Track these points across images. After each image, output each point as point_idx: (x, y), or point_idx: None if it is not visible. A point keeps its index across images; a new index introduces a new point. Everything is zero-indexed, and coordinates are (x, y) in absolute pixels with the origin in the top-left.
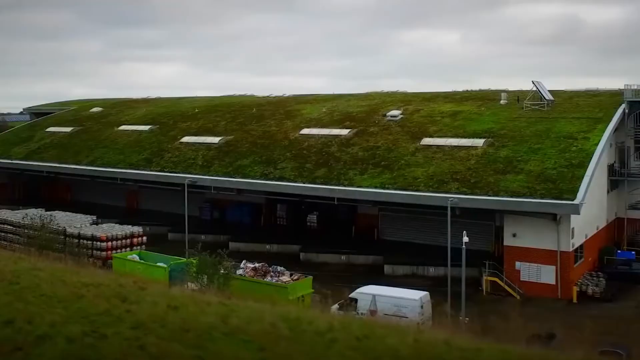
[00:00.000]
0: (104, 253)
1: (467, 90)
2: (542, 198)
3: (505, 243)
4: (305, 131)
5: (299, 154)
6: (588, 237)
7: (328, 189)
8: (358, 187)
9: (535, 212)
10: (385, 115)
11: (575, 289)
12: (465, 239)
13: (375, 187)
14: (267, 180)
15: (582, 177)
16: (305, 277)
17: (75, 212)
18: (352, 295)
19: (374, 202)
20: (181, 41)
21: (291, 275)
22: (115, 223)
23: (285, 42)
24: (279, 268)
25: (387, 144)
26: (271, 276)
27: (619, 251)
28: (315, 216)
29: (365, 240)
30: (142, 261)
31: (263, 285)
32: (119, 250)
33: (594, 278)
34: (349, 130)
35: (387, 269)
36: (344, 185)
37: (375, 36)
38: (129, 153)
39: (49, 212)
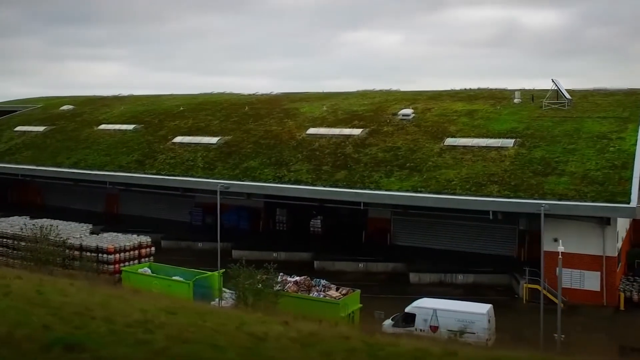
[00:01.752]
0: (112, 266)
1: (465, 89)
2: (593, 201)
3: (544, 248)
4: (312, 131)
5: (312, 155)
6: (623, 241)
7: (353, 193)
8: (387, 190)
9: (587, 216)
10: (395, 114)
11: (622, 295)
12: (561, 247)
13: (407, 191)
14: (279, 183)
15: (631, 179)
16: (353, 291)
17: (50, 218)
18: (409, 310)
19: (404, 206)
20: (124, 40)
21: (337, 289)
22: (114, 232)
23: (229, 42)
24: (322, 281)
25: (408, 145)
26: (317, 291)
27: None
28: (319, 221)
29: (377, 246)
30: (158, 275)
31: (312, 302)
32: (127, 263)
33: (635, 283)
34: (361, 130)
35: (413, 277)
36: (371, 189)
37: (319, 37)
38: (115, 154)
39: (48, 222)
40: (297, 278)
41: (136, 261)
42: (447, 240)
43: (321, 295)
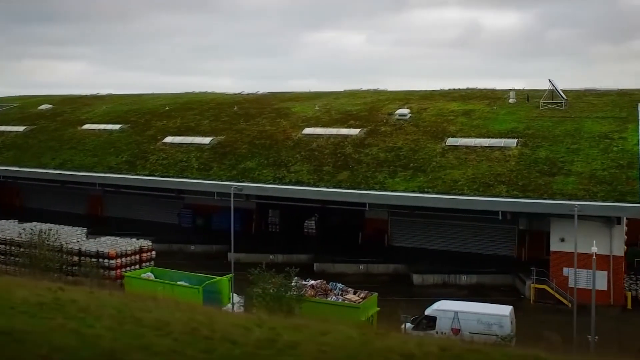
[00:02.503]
0: (113, 272)
1: (454, 89)
2: (603, 201)
3: (552, 248)
4: (308, 131)
5: (311, 156)
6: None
7: (358, 194)
8: (393, 191)
9: (597, 215)
10: (391, 114)
11: (630, 294)
12: (594, 248)
13: (413, 192)
14: (280, 184)
15: (638, 179)
16: (371, 294)
17: (30, 221)
18: (429, 312)
19: (411, 207)
20: (88, 39)
21: (355, 292)
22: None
23: (194, 42)
24: (338, 285)
25: (409, 145)
26: (335, 295)
27: None
28: (313, 222)
29: (375, 247)
30: (164, 281)
31: (332, 306)
32: (128, 268)
33: (639, 282)
34: (359, 130)
35: (417, 278)
36: (376, 190)
37: (284, 37)
38: (103, 155)
39: (46, 226)
40: (313, 282)
41: (137, 266)
42: (446, 240)
43: (340, 299)
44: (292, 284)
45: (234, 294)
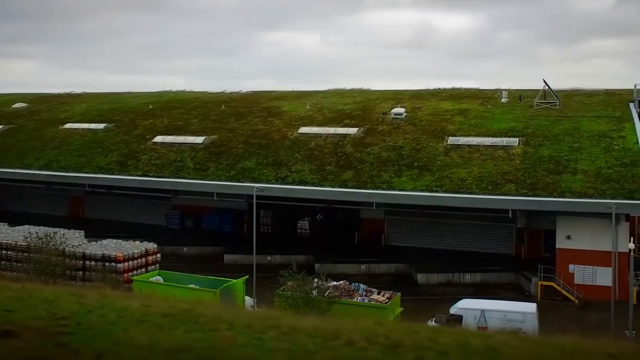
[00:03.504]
0: (121, 276)
1: (439, 88)
2: (612, 198)
3: (558, 246)
4: (304, 130)
5: (311, 155)
6: None
7: (367, 194)
8: (401, 190)
9: (605, 213)
10: (386, 113)
11: (635, 290)
12: (631, 245)
13: (422, 191)
14: (283, 184)
15: None
16: (395, 294)
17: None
18: (455, 311)
19: (419, 206)
20: (38, 37)
21: (379, 292)
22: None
23: (147, 41)
24: (361, 286)
25: (410, 144)
26: (360, 296)
27: None
28: (307, 222)
29: (372, 246)
30: (178, 285)
31: (360, 307)
32: (135, 272)
33: (638, 279)
34: (356, 129)
35: (421, 277)
36: (383, 189)
37: (239, 37)
38: (91, 155)
39: (51, 229)
40: (335, 283)
41: (143, 269)
42: (443, 239)
43: (365, 300)
44: (325, 286)
45: (247, 297)
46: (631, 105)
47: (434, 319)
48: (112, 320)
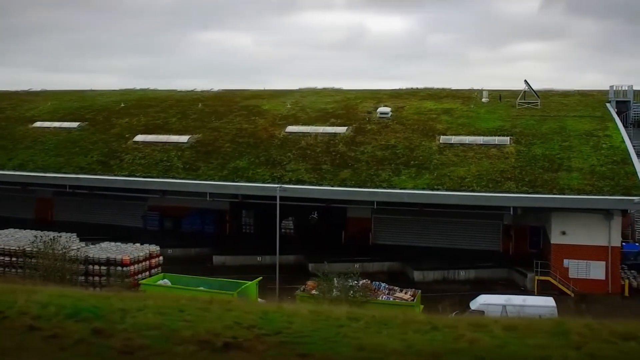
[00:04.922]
0: (128, 280)
1: (414, 88)
2: (611, 195)
3: (553, 241)
4: (292, 129)
5: (304, 154)
6: None
7: (368, 193)
8: (402, 189)
9: (602, 209)
10: (370, 112)
11: (627, 282)
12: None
13: (423, 189)
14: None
15: (636, 174)
16: (417, 291)
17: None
18: (476, 307)
19: (420, 204)
20: None
21: (401, 290)
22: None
23: (75, 39)
24: (382, 284)
25: (402, 143)
26: (384, 294)
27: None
28: (291, 222)
29: (359, 245)
30: (188, 287)
31: (388, 306)
32: (140, 276)
33: (626, 271)
34: (345, 128)
35: (418, 275)
36: (384, 188)
37: (170, 37)
38: (68, 155)
39: (52, 233)
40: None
41: (147, 273)
42: (431, 237)
43: (390, 299)
44: (361, 287)
45: (260, 299)
46: (608, 105)
47: (454, 314)
48: (321, 326)
